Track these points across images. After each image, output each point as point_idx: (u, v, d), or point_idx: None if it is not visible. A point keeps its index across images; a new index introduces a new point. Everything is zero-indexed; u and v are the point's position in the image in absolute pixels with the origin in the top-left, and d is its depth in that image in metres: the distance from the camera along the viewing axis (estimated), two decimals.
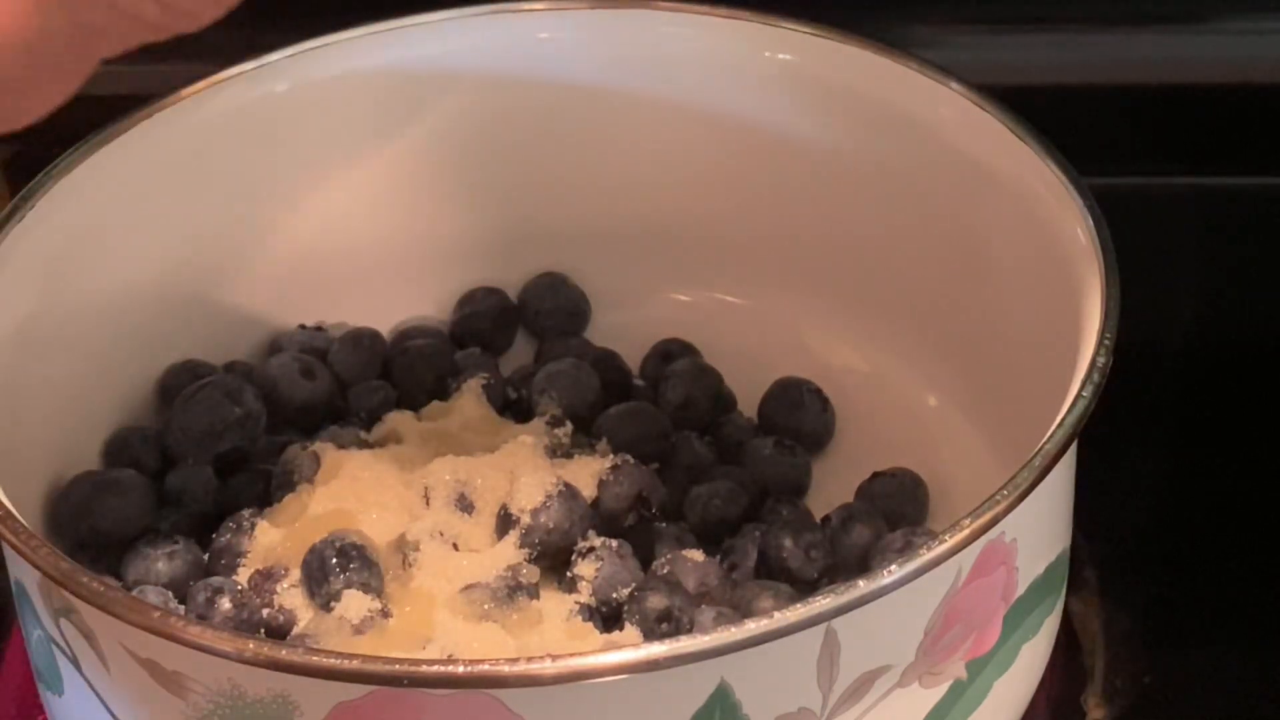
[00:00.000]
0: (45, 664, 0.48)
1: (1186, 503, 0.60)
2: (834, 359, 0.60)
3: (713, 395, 0.58)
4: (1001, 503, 0.44)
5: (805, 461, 0.57)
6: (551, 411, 0.56)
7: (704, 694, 0.42)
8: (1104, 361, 0.47)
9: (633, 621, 0.49)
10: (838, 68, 0.58)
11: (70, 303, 0.54)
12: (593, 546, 0.51)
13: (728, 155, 0.60)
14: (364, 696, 0.42)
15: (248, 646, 0.42)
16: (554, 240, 0.62)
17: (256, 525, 0.52)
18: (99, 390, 0.56)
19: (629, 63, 0.60)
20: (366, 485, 0.53)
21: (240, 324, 0.60)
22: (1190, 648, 0.56)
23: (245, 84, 0.58)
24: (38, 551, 0.44)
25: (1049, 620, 0.50)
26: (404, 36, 0.59)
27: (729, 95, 0.59)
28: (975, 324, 0.57)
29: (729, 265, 0.62)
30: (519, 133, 0.60)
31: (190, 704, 0.44)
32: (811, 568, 0.52)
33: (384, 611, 0.50)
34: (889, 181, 0.58)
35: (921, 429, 0.58)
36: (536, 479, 0.52)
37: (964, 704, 0.47)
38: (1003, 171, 0.54)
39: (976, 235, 0.56)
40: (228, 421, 0.55)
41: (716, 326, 0.61)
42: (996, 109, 0.55)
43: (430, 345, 0.59)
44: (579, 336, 0.61)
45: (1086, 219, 0.51)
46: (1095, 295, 0.49)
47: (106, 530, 0.52)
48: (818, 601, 0.42)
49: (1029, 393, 0.51)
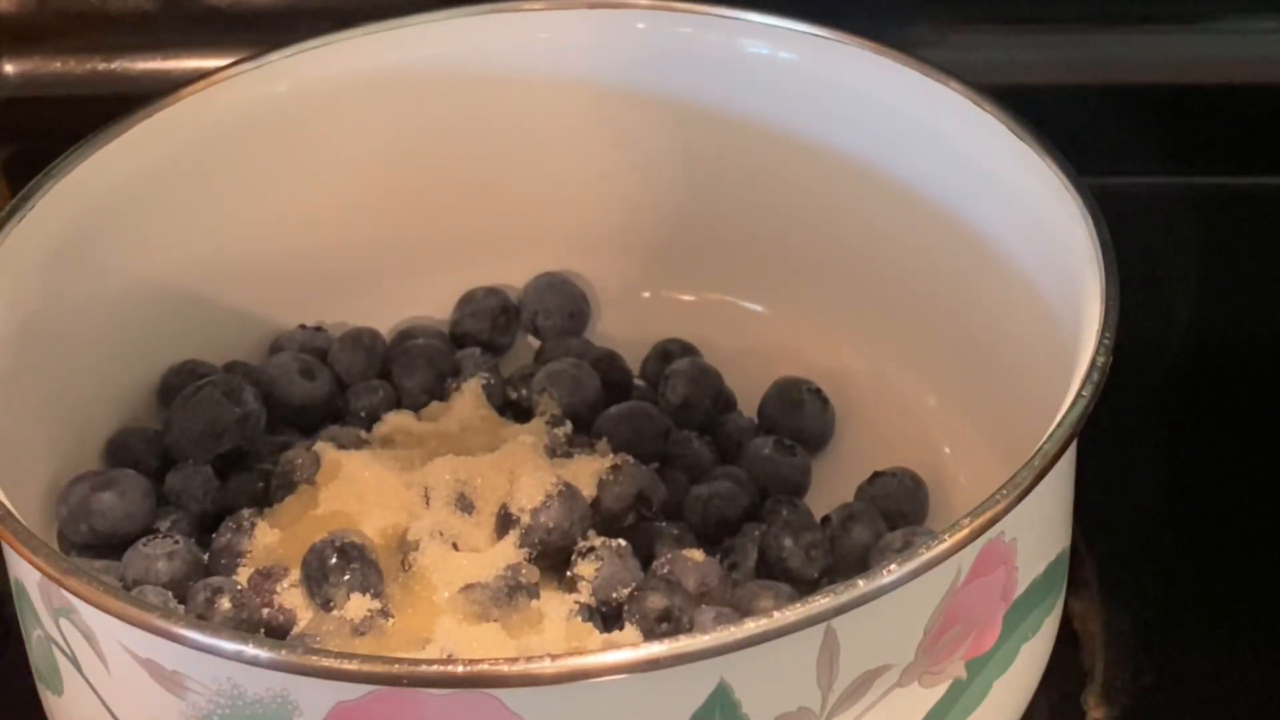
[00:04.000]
0: (45, 664, 0.48)
1: (1186, 503, 0.60)
2: (834, 359, 0.60)
3: (713, 395, 0.58)
4: (1001, 502, 0.44)
5: (805, 461, 0.57)
6: (551, 411, 0.56)
7: (704, 693, 0.42)
8: (1104, 361, 0.47)
9: (633, 621, 0.49)
10: (838, 68, 0.58)
11: (70, 303, 0.54)
12: (593, 546, 0.51)
13: (728, 155, 0.60)
14: (364, 696, 0.42)
15: (248, 646, 0.42)
16: (554, 240, 0.62)
17: (256, 525, 0.52)
18: (99, 390, 0.56)
19: (629, 63, 0.60)
20: (366, 485, 0.53)
21: (240, 324, 0.60)
22: (1190, 648, 0.56)
23: (245, 84, 0.58)
24: (38, 551, 0.44)
25: (1049, 620, 0.50)
26: (404, 36, 0.59)
27: (729, 95, 0.59)
28: (975, 324, 0.57)
29: (729, 265, 0.62)
30: (519, 132, 0.60)
31: (190, 704, 0.44)
32: (811, 568, 0.52)
33: (384, 611, 0.50)
34: (889, 181, 0.58)
35: (921, 429, 0.58)
36: (536, 479, 0.52)
37: (964, 704, 0.47)
38: (1003, 171, 0.54)
39: (977, 235, 0.56)
40: (228, 421, 0.55)
41: (716, 326, 0.61)
42: (996, 109, 0.55)
43: (430, 345, 0.59)
44: (579, 336, 0.61)
45: (1086, 219, 0.51)
46: (1095, 295, 0.49)
47: (106, 530, 0.52)
48: (817, 601, 0.42)
49: (1029, 393, 0.51)
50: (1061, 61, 0.72)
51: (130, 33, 0.74)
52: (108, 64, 0.73)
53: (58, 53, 0.74)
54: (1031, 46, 0.72)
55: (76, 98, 0.73)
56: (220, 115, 0.57)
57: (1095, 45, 0.72)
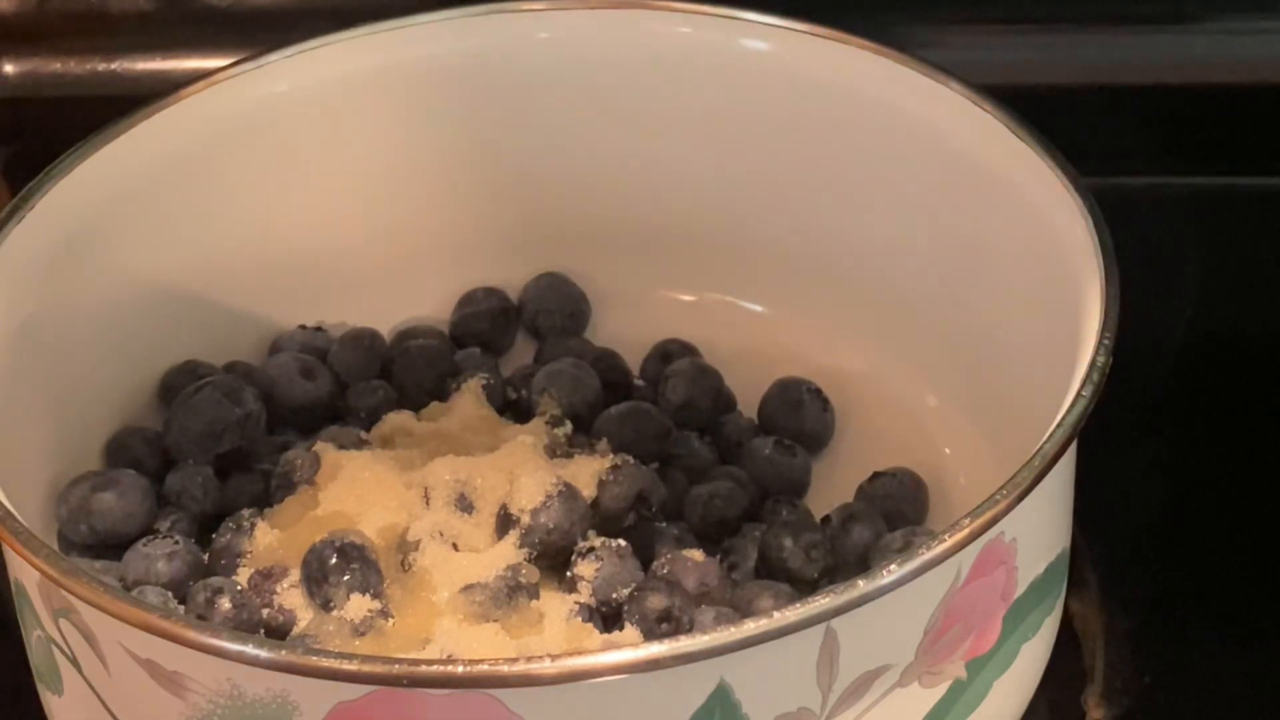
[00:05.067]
0: (45, 664, 0.48)
1: (1186, 502, 0.60)
2: (834, 359, 0.60)
3: (713, 395, 0.58)
4: (1001, 502, 0.44)
5: (805, 461, 0.57)
6: (551, 411, 0.56)
7: (704, 693, 0.42)
8: (1104, 361, 0.47)
9: (633, 621, 0.49)
10: (838, 68, 0.58)
11: (70, 303, 0.54)
12: (593, 546, 0.51)
13: (727, 155, 0.60)
14: (364, 696, 0.42)
15: (247, 646, 0.42)
16: (554, 240, 0.62)
17: (256, 525, 0.52)
18: (99, 390, 0.56)
19: (629, 63, 0.60)
20: (366, 485, 0.53)
21: (240, 324, 0.60)
22: (1190, 648, 0.56)
23: (245, 84, 0.58)
24: (38, 551, 0.44)
25: (1049, 620, 0.50)
26: (404, 36, 0.59)
27: (728, 95, 0.59)
28: (975, 324, 0.57)
29: (729, 265, 0.62)
30: (519, 133, 0.60)
31: (190, 704, 0.44)
32: (811, 568, 0.52)
33: (384, 612, 0.50)
34: (889, 181, 0.58)
35: (921, 429, 0.58)
36: (536, 479, 0.52)
37: (964, 704, 0.47)
38: (1003, 171, 0.54)
39: (976, 235, 0.56)
40: (228, 421, 0.55)
41: (716, 326, 0.61)
42: (996, 109, 0.55)
43: (430, 345, 0.59)
44: (579, 336, 0.61)
45: (1086, 219, 0.51)
46: (1095, 295, 0.49)
47: (106, 530, 0.52)
48: (817, 601, 0.42)
49: (1029, 393, 0.51)
50: (1061, 61, 0.72)
51: (130, 33, 0.74)
52: (108, 64, 0.73)
53: (58, 53, 0.74)
54: (1031, 46, 0.72)
55: (76, 98, 0.73)
56: (220, 115, 0.57)
57: (1095, 45, 0.72)
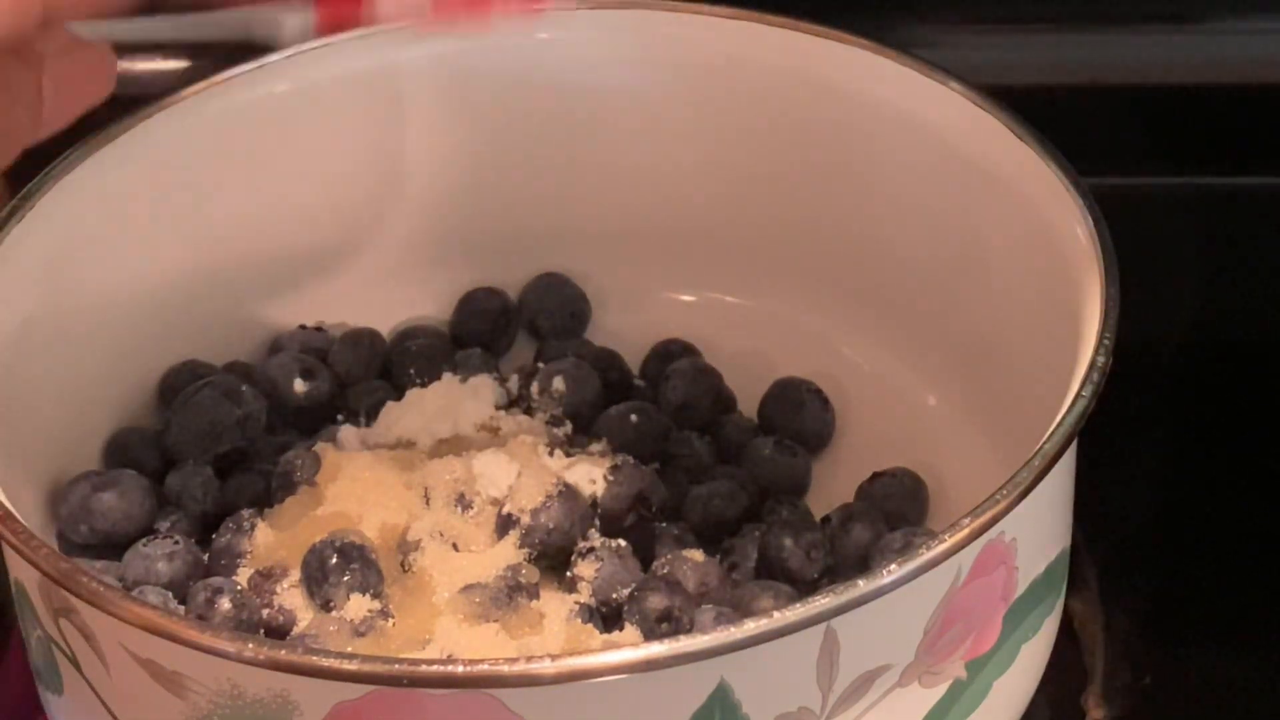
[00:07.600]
0: (45, 664, 0.48)
1: (1186, 503, 0.60)
2: (834, 359, 0.60)
3: (713, 395, 0.58)
4: (1001, 502, 0.44)
5: (805, 461, 0.57)
6: (551, 411, 0.56)
7: (704, 694, 0.42)
8: (1104, 361, 0.47)
9: (633, 621, 0.49)
10: (839, 68, 0.57)
11: (70, 303, 0.54)
12: (593, 546, 0.51)
13: (728, 155, 0.60)
14: (364, 696, 0.42)
15: (247, 646, 0.42)
16: (554, 240, 0.62)
17: (256, 525, 0.52)
18: (99, 390, 0.56)
19: (629, 63, 0.60)
20: (366, 485, 0.53)
21: (240, 324, 0.60)
22: (1190, 648, 0.56)
23: (245, 84, 0.58)
24: (38, 551, 0.44)
25: (1049, 620, 0.50)
26: (404, 36, 0.59)
27: (729, 95, 0.59)
28: (975, 324, 0.57)
29: (729, 265, 0.62)
30: (519, 133, 0.60)
31: (190, 704, 0.44)
32: (811, 568, 0.52)
33: (384, 612, 0.50)
34: (889, 181, 0.58)
35: (921, 429, 0.58)
36: (536, 479, 0.52)
37: (964, 704, 0.47)
38: (1003, 171, 0.54)
39: (976, 235, 0.56)
40: (228, 421, 0.55)
41: (716, 326, 0.61)
42: (996, 109, 0.54)
43: (430, 345, 0.59)
44: (579, 336, 0.61)
45: (1086, 219, 0.51)
46: (1095, 295, 0.49)
47: (106, 530, 0.52)
48: (817, 601, 0.42)
49: (1029, 393, 0.51)
50: (1061, 61, 0.72)
51: None
52: None
53: None
54: (1031, 46, 0.72)
55: None
56: (220, 115, 0.57)
57: (1095, 45, 0.72)
